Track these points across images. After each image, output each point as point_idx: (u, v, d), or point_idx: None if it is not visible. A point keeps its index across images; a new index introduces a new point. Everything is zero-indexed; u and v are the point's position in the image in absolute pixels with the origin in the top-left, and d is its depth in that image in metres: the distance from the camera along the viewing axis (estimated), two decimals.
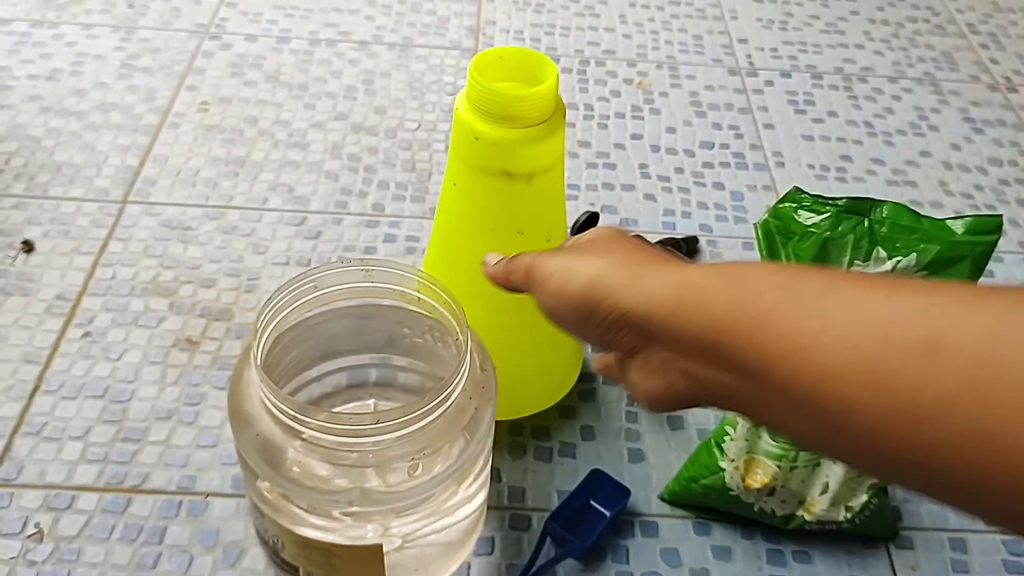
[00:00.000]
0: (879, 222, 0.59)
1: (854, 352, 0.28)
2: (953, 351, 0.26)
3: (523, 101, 0.53)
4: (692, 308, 0.33)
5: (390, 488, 0.52)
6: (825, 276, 0.31)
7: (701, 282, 0.34)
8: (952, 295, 0.28)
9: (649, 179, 0.92)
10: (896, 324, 0.27)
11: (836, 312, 0.29)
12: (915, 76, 1.10)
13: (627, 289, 0.36)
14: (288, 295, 0.54)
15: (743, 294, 0.32)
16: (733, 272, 0.33)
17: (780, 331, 0.30)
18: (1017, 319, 0.26)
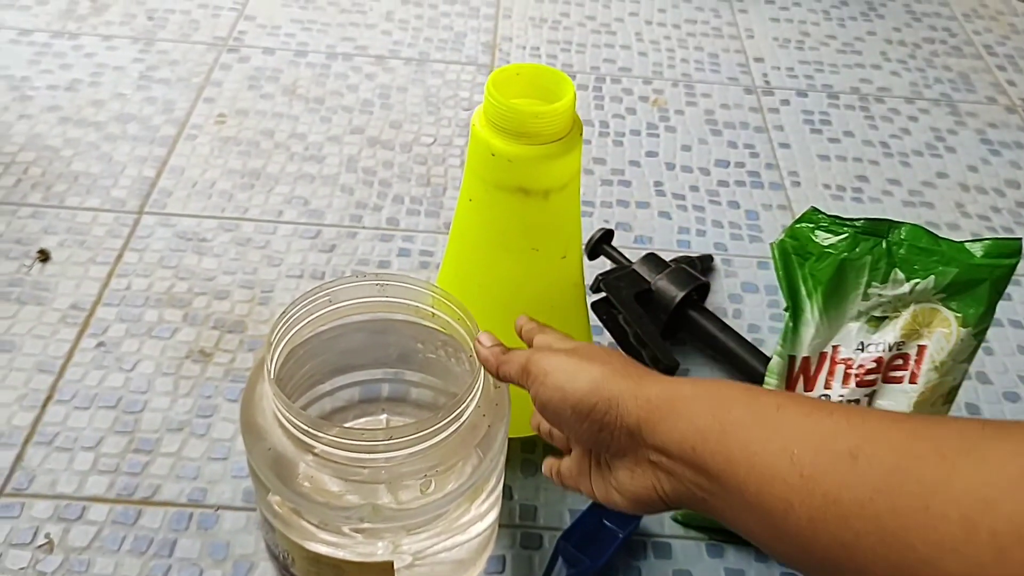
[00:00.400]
0: (897, 244, 0.58)
1: (793, 458, 0.33)
2: (869, 460, 0.32)
3: (540, 118, 0.53)
4: (677, 417, 0.39)
5: (402, 505, 0.52)
6: (781, 396, 0.38)
7: (688, 394, 0.39)
8: (875, 417, 0.34)
9: (664, 197, 0.92)
10: (828, 436, 0.33)
11: (784, 425, 0.35)
12: (932, 97, 1.09)
13: (627, 395, 0.41)
14: (302, 309, 0.54)
15: (717, 406, 0.38)
16: (714, 387, 0.39)
17: (741, 439, 0.36)
18: (923, 437, 0.31)
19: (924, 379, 0.59)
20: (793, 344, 0.60)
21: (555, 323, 0.64)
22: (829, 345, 0.60)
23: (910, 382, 0.59)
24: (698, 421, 0.38)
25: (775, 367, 0.60)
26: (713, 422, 0.38)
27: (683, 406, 0.39)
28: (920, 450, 0.31)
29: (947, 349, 0.58)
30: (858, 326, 0.60)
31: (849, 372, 0.60)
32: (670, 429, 0.39)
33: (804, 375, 0.61)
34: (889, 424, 0.33)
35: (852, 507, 0.31)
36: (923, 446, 0.31)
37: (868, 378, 0.59)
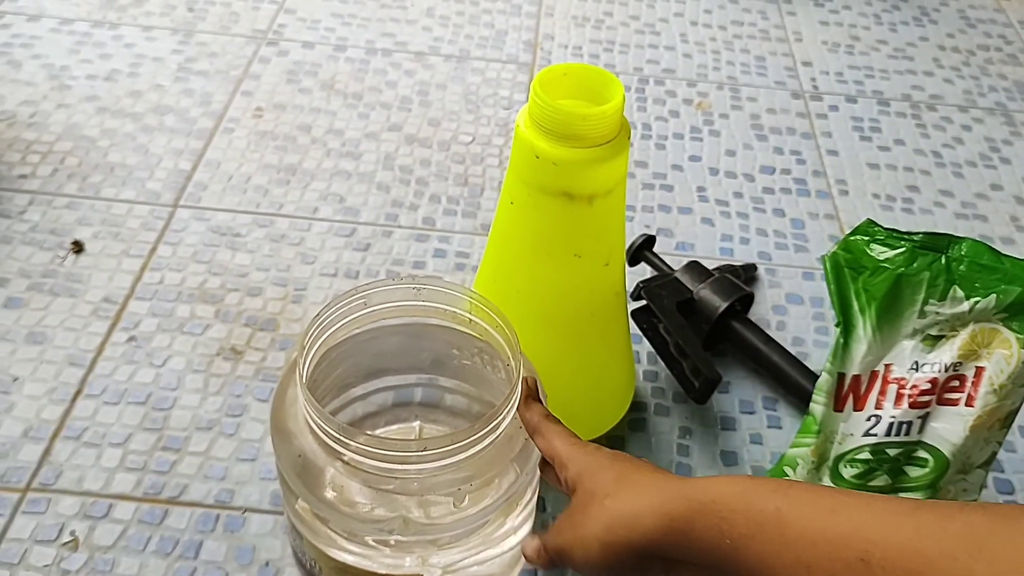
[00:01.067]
0: (957, 260, 0.56)
1: (809, 571, 0.34)
2: (882, 566, 0.32)
3: (588, 120, 0.51)
4: (686, 540, 0.39)
5: (432, 520, 0.50)
6: (777, 496, 0.37)
7: (682, 513, 0.39)
8: (879, 512, 0.34)
9: (707, 203, 0.89)
10: (836, 544, 0.34)
11: (790, 536, 0.36)
12: (986, 106, 1.06)
13: (632, 537, 0.41)
14: (337, 311, 0.52)
15: (718, 522, 0.38)
16: (705, 499, 0.39)
17: (754, 553, 0.37)
18: (929, 537, 0.32)
19: (981, 402, 0.56)
20: (843, 361, 0.58)
21: (595, 332, 0.62)
22: (881, 364, 0.58)
23: (967, 405, 0.57)
24: (706, 539, 0.39)
25: (823, 384, 0.58)
26: (720, 539, 0.38)
27: (685, 527, 0.39)
28: (930, 553, 0.32)
29: (1007, 372, 0.56)
30: (913, 344, 0.57)
31: (902, 392, 0.57)
32: (687, 550, 0.40)
33: (854, 394, 0.58)
34: (894, 522, 0.34)
35: None
36: (933, 548, 0.32)
37: (922, 399, 0.57)
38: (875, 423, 0.58)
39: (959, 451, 0.57)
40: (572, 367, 0.62)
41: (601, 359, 0.64)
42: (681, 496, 0.40)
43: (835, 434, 0.59)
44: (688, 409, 0.71)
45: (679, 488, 0.41)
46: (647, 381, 0.73)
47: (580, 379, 0.63)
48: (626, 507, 0.42)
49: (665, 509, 0.40)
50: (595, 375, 0.64)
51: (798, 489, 0.37)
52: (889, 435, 0.57)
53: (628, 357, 0.67)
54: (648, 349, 0.73)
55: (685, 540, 0.39)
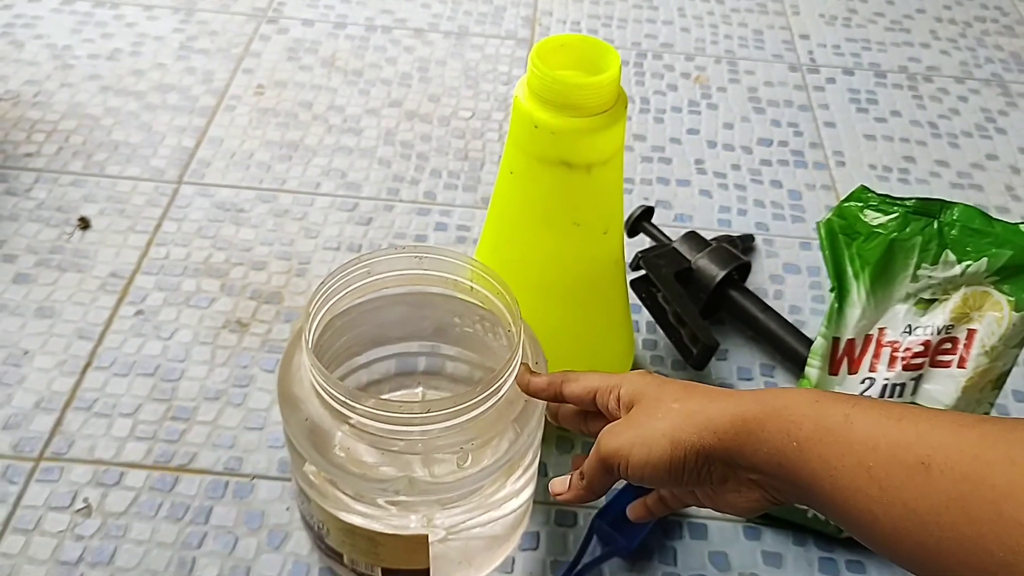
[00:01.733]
0: (949, 224, 0.57)
1: (870, 472, 0.35)
2: (942, 470, 0.33)
3: (585, 89, 0.52)
4: (755, 440, 0.40)
5: (437, 479, 0.51)
6: (848, 404, 0.38)
7: (756, 415, 0.40)
8: (944, 422, 0.35)
9: (705, 175, 0.90)
10: (899, 447, 0.35)
11: (855, 438, 0.36)
12: (982, 77, 1.07)
13: (707, 435, 0.41)
14: (340, 280, 0.54)
15: (787, 424, 0.39)
16: (778, 404, 0.40)
17: (817, 455, 0.37)
18: (992, 444, 0.32)
19: (973, 364, 0.57)
20: (838, 326, 0.59)
21: (595, 300, 0.63)
22: (875, 327, 0.59)
23: (959, 367, 0.58)
24: (774, 441, 0.39)
25: (819, 349, 0.59)
26: (787, 441, 0.39)
27: (756, 428, 0.40)
28: (990, 456, 0.32)
29: (998, 333, 0.57)
30: (906, 308, 0.58)
31: (895, 355, 0.58)
32: (753, 452, 0.40)
33: (848, 357, 0.59)
34: (957, 429, 0.34)
35: (930, 516, 0.33)
36: (993, 452, 0.32)
37: (915, 362, 0.58)
38: (869, 386, 0.59)
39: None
40: (572, 335, 0.63)
41: (600, 327, 0.65)
42: (756, 400, 0.41)
43: None
44: (687, 376, 0.72)
45: (753, 394, 0.41)
46: (646, 349, 0.74)
47: (579, 347, 0.64)
48: (699, 408, 0.42)
49: (739, 411, 0.40)
50: (594, 343, 0.65)
51: (868, 400, 0.38)
52: (883, 397, 0.59)
53: (627, 325, 0.68)
54: (647, 318, 0.74)
55: (754, 441, 0.40)
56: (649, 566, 0.60)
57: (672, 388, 0.45)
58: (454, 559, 0.57)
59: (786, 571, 0.61)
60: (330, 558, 0.57)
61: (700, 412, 0.42)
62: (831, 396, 0.39)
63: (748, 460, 0.40)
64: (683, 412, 0.42)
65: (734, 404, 0.41)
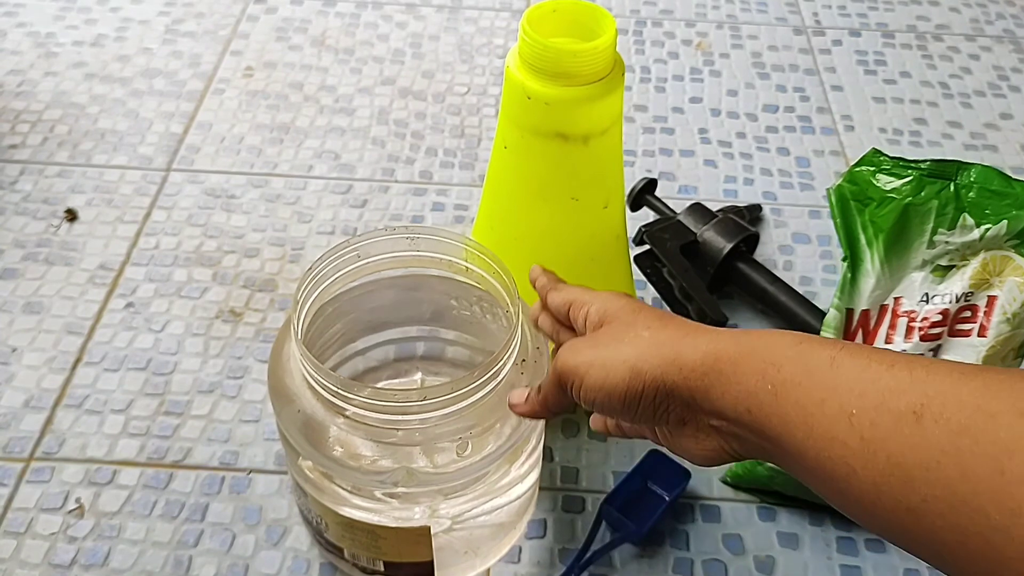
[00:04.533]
0: (966, 186, 0.54)
1: (852, 420, 0.31)
2: (936, 420, 0.29)
3: (579, 56, 0.50)
4: (726, 381, 0.36)
5: (438, 469, 0.49)
6: (834, 348, 0.34)
7: (731, 354, 0.36)
8: (943, 370, 0.30)
9: (709, 144, 0.88)
10: (889, 394, 0.30)
11: (840, 383, 0.32)
12: (994, 34, 1.03)
13: (670, 370, 0.38)
14: (329, 265, 0.51)
15: (765, 365, 0.35)
16: (758, 343, 0.36)
17: (794, 400, 0.33)
18: (996, 393, 0.28)
19: (994, 332, 0.55)
20: (851, 296, 0.56)
21: (596, 277, 0.60)
22: (890, 297, 0.56)
23: (979, 335, 0.55)
24: (747, 383, 0.35)
25: (831, 321, 0.57)
26: (763, 383, 0.34)
27: (729, 368, 0.36)
28: (994, 408, 0.28)
29: (1020, 299, 0.54)
30: (922, 276, 0.56)
31: (912, 325, 0.56)
32: (721, 395, 0.36)
33: (863, 329, 0.57)
34: (958, 377, 0.30)
35: (917, 471, 0.29)
36: (997, 403, 0.28)
37: (933, 331, 0.55)
38: None
39: None
40: None
41: None
42: (733, 339, 0.37)
43: None
44: None
45: (732, 333, 0.37)
46: None
47: None
48: (667, 339, 0.38)
49: (712, 348, 0.37)
50: None
51: (858, 344, 0.34)
52: None
53: None
54: (653, 294, 0.72)
55: (724, 382, 0.36)
56: (661, 551, 0.58)
57: (647, 315, 0.41)
58: (459, 549, 0.55)
59: (803, 552, 0.58)
60: (331, 553, 0.55)
61: (669, 344, 0.38)
62: (817, 339, 0.35)
63: (713, 404, 0.36)
64: (651, 341, 0.39)
65: (708, 340, 0.37)
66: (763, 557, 0.58)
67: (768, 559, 0.58)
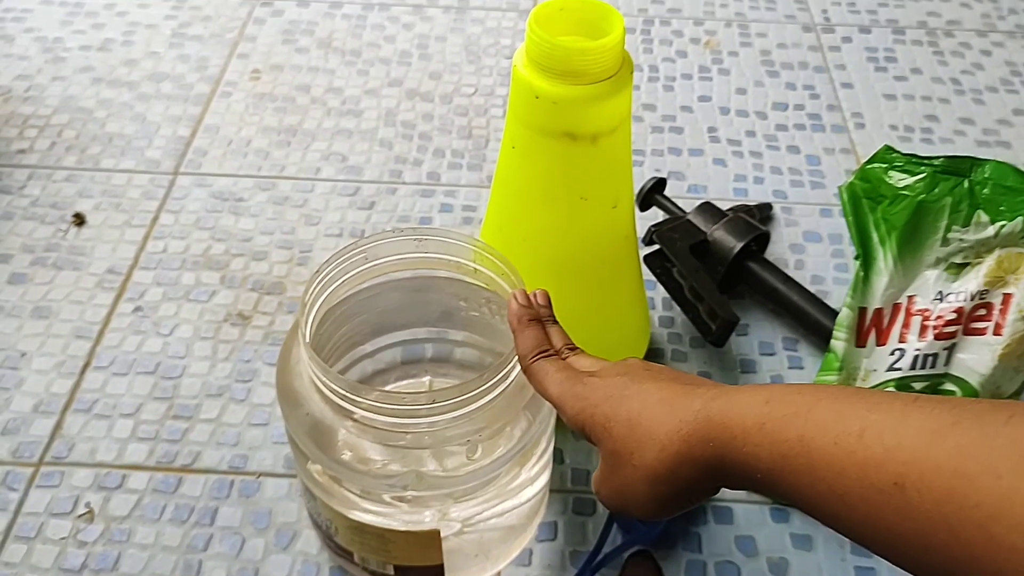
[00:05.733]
0: (980, 183, 0.53)
1: (844, 500, 0.32)
2: (918, 489, 0.29)
3: (587, 55, 0.49)
4: (725, 477, 0.37)
5: (447, 472, 0.49)
6: (801, 420, 0.34)
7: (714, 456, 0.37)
8: (912, 430, 0.31)
9: (719, 143, 0.87)
10: (868, 469, 0.31)
11: (816, 459, 0.33)
12: (1006, 29, 1.02)
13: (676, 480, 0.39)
14: (337, 267, 0.51)
15: (745, 457, 0.35)
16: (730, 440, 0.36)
17: (788, 486, 0.34)
18: (971, 455, 0.29)
19: (1010, 330, 0.54)
20: (864, 295, 0.56)
21: (605, 278, 0.60)
22: (904, 295, 0.56)
23: (994, 334, 0.55)
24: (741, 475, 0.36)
25: (844, 320, 0.56)
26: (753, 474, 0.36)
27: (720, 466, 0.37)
28: (971, 470, 0.29)
29: None
30: (936, 274, 0.55)
31: (926, 324, 0.55)
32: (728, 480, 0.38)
33: (876, 328, 0.56)
34: (930, 439, 0.30)
35: (917, 538, 0.30)
36: (975, 466, 0.29)
37: (948, 330, 0.55)
38: (899, 357, 0.56)
39: (988, 381, 0.55)
40: (584, 315, 0.60)
41: (614, 305, 0.62)
42: (702, 440, 0.37)
43: (858, 370, 0.57)
44: (707, 353, 0.69)
45: (694, 428, 0.38)
46: (663, 327, 0.71)
47: (593, 327, 0.61)
48: (657, 464, 0.39)
49: (693, 455, 0.38)
50: (608, 322, 0.62)
51: (821, 409, 0.34)
52: (914, 368, 0.56)
53: (642, 303, 0.65)
54: (663, 294, 0.71)
55: (723, 475, 0.37)
56: (672, 554, 0.57)
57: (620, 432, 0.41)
58: (469, 553, 0.54)
59: (817, 554, 0.58)
60: (340, 557, 0.55)
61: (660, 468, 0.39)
62: (779, 408, 0.35)
63: (731, 483, 0.38)
64: (645, 471, 0.39)
65: (686, 448, 0.38)
66: (776, 559, 0.57)
67: (781, 561, 0.57)
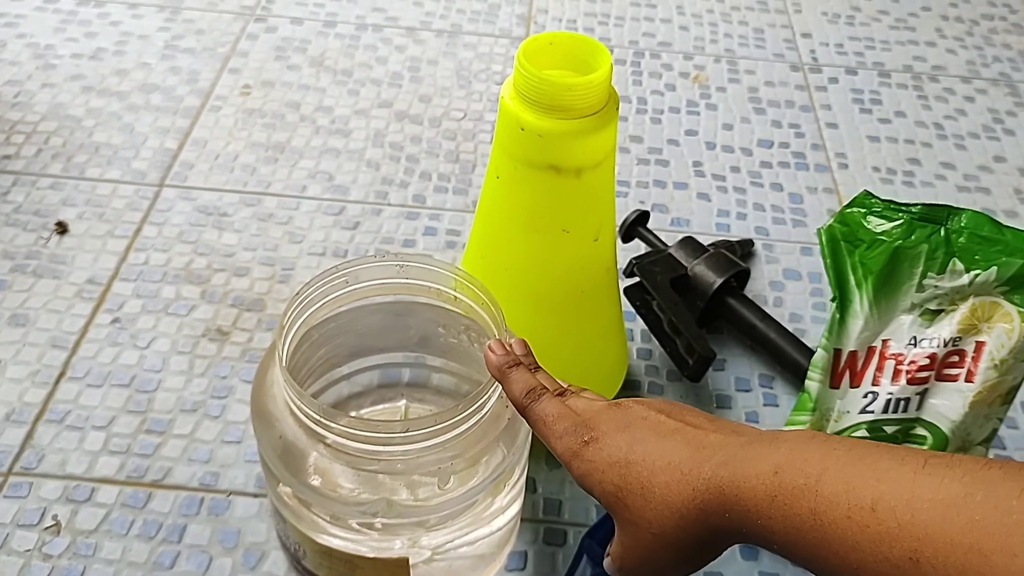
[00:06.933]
0: (957, 231, 0.54)
1: (859, 573, 0.32)
2: (933, 565, 0.30)
3: (573, 90, 0.50)
4: (746, 541, 0.37)
5: (419, 501, 0.49)
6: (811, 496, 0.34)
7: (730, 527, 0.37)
8: (925, 503, 0.31)
9: (703, 177, 0.88)
10: (883, 544, 0.31)
11: (832, 540, 0.33)
12: (990, 76, 1.04)
13: (686, 537, 0.39)
14: (317, 290, 0.51)
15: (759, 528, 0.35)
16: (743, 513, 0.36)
17: (805, 556, 0.34)
18: (987, 530, 0.29)
19: (982, 378, 0.55)
20: (839, 337, 0.56)
21: (585, 309, 0.60)
22: (879, 339, 0.56)
23: (966, 380, 0.55)
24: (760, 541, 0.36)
25: (819, 361, 0.57)
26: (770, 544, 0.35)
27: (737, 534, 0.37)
28: (987, 547, 0.29)
29: (1008, 346, 0.54)
30: (911, 319, 0.55)
31: (900, 368, 0.56)
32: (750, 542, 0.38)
33: (851, 370, 0.57)
34: (944, 514, 0.30)
35: None
36: (990, 543, 0.29)
37: (920, 375, 0.55)
38: (872, 400, 0.56)
39: (959, 428, 0.56)
40: (563, 345, 0.60)
41: (593, 337, 0.62)
42: (718, 511, 0.37)
43: (831, 411, 0.57)
44: (683, 387, 0.69)
45: (708, 499, 0.37)
46: (640, 359, 0.71)
47: (571, 357, 0.62)
48: (680, 533, 0.39)
49: (711, 523, 0.38)
50: (587, 353, 0.63)
51: (830, 479, 0.34)
52: (886, 412, 0.56)
53: (621, 334, 0.66)
54: (641, 327, 0.72)
55: (743, 540, 0.38)
56: None
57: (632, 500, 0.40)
58: None
59: None
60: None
61: (679, 538, 0.39)
62: (789, 479, 0.35)
63: (736, 541, 0.39)
64: (664, 542, 0.40)
65: (700, 519, 0.38)
66: None
67: None
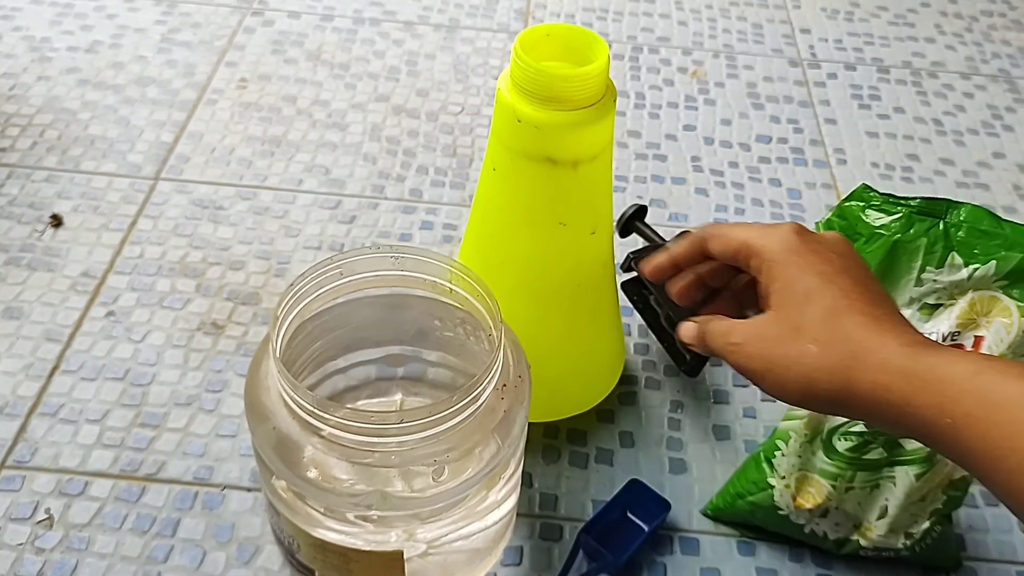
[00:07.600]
0: (956, 225, 0.54)
1: None
2: None
3: (570, 81, 0.49)
4: (897, 415, 0.37)
5: (414, 493, 0.49)
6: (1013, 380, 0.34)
7: (902, 388, 0.36)
8: None
9: (701, 173, 0.87)
10: None
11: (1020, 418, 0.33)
12: (989, 73, 1.04)
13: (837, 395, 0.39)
14: (312, 282, 0.51)
15: (942, 399, 0.35)
16: (932, 376, 0.36)
17: (978, 435, 0.34)
18: None
19: None
20: None
21: (581, 303, 0.60)
22: None
23: None
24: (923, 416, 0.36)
25: None
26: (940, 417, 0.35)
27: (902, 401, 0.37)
28: None
29: (1007, 341, 0.54)
30: (909, 313, 0.55)
31: None
32: (894, 423, 0.37)
33: None
34: None
35: None
36: None
37: None
38: None
39: None
40: (559, 339, 0.60)
41: (589, 331, 0.62)
42: (901, 372, 0.37)
43: None
44: (680, 382, 0.69)
45: (900, 357, 0.37)
46: (637, 354, 0.71)
47: (568, 352, 0.61)
48: (836, 363, 0.38)
49: (882, 381, 0.37)
50: (583, 348, 0.62)
51: None
52: None
53: (617, 329, 0.65)
54: (638, 321, 0.71)
55: (897, 414, 0.37)
56: None
57: (815, 313, 0.40)
58: (433, 575, 0.54)
59: None
60: (302, 574, 0.54)
61: (839, 371, 0.38)
62: (994, 366, 0.35)
63: (885, 425, 0.38)
64: (820, 361, 0.39)
65: (877, 370, 0.37)
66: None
67: None
